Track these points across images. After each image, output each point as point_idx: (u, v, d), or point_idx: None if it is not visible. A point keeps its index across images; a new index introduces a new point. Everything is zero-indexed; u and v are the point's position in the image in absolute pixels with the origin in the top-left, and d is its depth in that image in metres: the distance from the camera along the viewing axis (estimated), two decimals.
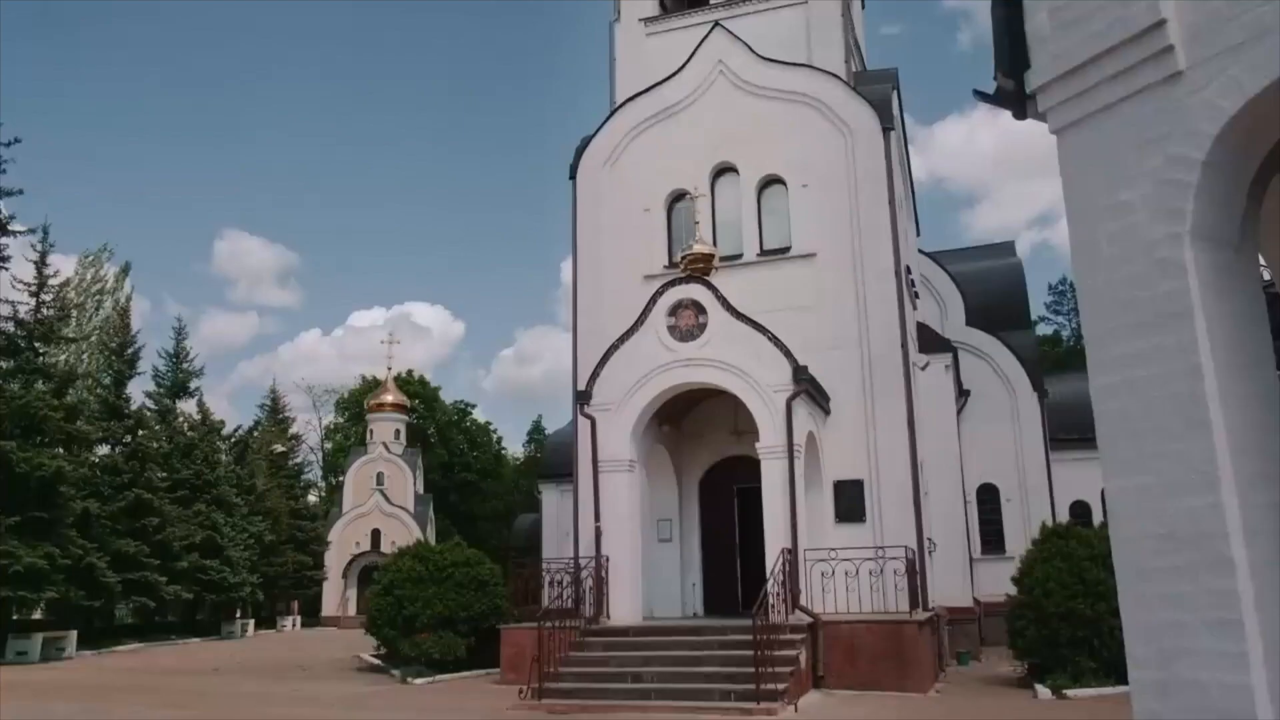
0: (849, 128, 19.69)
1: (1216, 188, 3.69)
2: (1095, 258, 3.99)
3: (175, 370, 40.13)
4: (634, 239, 20.73)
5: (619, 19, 22.85)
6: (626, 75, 22.19)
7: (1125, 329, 3.81)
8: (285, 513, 46.10)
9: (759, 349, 16.78)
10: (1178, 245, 3.66)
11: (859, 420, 18.32)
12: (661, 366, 17.29)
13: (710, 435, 20.09)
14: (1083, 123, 4.12)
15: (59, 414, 27.24)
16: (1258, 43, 3.46)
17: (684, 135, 20.87)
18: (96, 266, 48.03)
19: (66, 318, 36.42)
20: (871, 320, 18.67)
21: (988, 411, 26.91)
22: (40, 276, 29.36)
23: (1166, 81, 3.77)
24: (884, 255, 18.91)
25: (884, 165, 19.29)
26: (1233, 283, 3.75)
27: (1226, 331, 3.62)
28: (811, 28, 21.08)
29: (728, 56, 20.94)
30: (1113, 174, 3.93)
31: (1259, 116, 3.55)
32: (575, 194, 21.45)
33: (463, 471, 65.87)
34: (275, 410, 56.97)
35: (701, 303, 17.31)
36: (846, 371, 18.47)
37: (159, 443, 35.74)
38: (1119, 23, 3.89)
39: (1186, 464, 3.54)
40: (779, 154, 20.11)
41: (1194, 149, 3.63)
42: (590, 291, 20.70)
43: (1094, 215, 4.01)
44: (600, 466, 17.31)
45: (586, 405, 17.66)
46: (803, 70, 20.37)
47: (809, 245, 19.52)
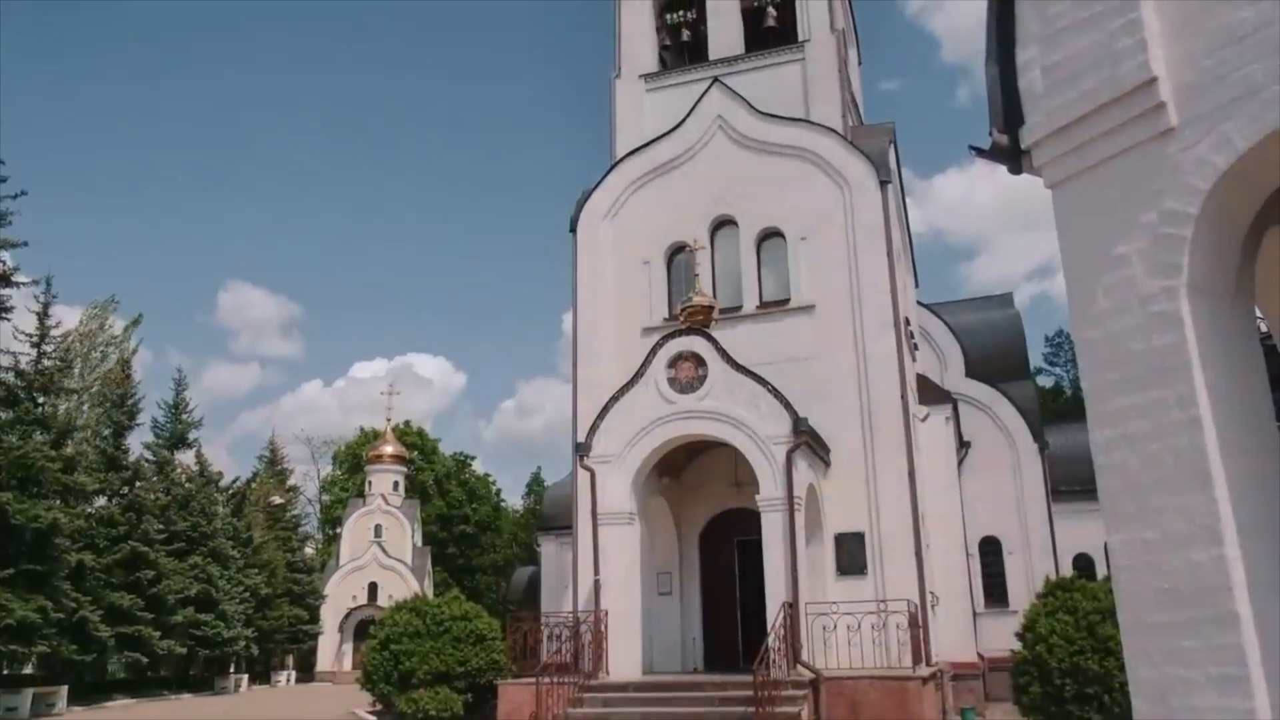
0: (846, 181, 19.91)
1: (1211, 242, 3.72)
2: (1092, 311, 4.01)
3: (174, 422, 40.06)
4: (634, 291, 20.84)
5: (619, 74, 23.22)
6: (627, 129, 22.49)
7: (1123, 382, 3.82)
8: (281, 565, 45.66)
9: (759, 401, 16.77)
10: (1174, 299, 3.68)
11: (859, 472, 18.24)
12: (661, 418, 17.27)
13: (710, 487, 19.99)
14: (1077, 177, 4.17)
15: (57, 465, 27.12)
16: (1248, 100, 3.51)
17: (684, 189, 21.09)
18: (102, 318, 48.13)
19: (68, 369, 36.44)
20: (871, 372, 18.69)
21: (988, 463, 26.82)
22: (42, 327, 29.44)
23: (1159, 138, 3.83)
24: (883, 307, 18.99)
25: (881, 218, 19.46)
26: (1230, 335, 3.77)
27: (1225, 384, 3.63)
28: (809, 83, 21.41)
29: (726, 112, 21.25)
30: (1108, 228, 3.97)
31: (1251, 172, 3.60)
32: (575, 247, 21.61)
33: (461, 524, 65.40)
34: (274, 462, 56.71)
35: (701, 354, 17.35)
36: (846, 423, 18.44)
37: (156, 495, 35.53)
38: (1111, 80, 3.96)
39: (1188, 517, 3.52)
40: (778, 207, 20.30)
41: (1187, 204, 3.68)
42: (590, 343, 20.75)
43: (1090, 269, 4.04)
44: (600, 519, 17.20)
45: (586, 457, 17.60)
46: (800, 125, 20.65)
47: (808, 297, 19.62)
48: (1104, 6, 4.02)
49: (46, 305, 29.52)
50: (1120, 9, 3.96)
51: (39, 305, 29.31)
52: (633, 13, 23.64)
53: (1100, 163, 4.06)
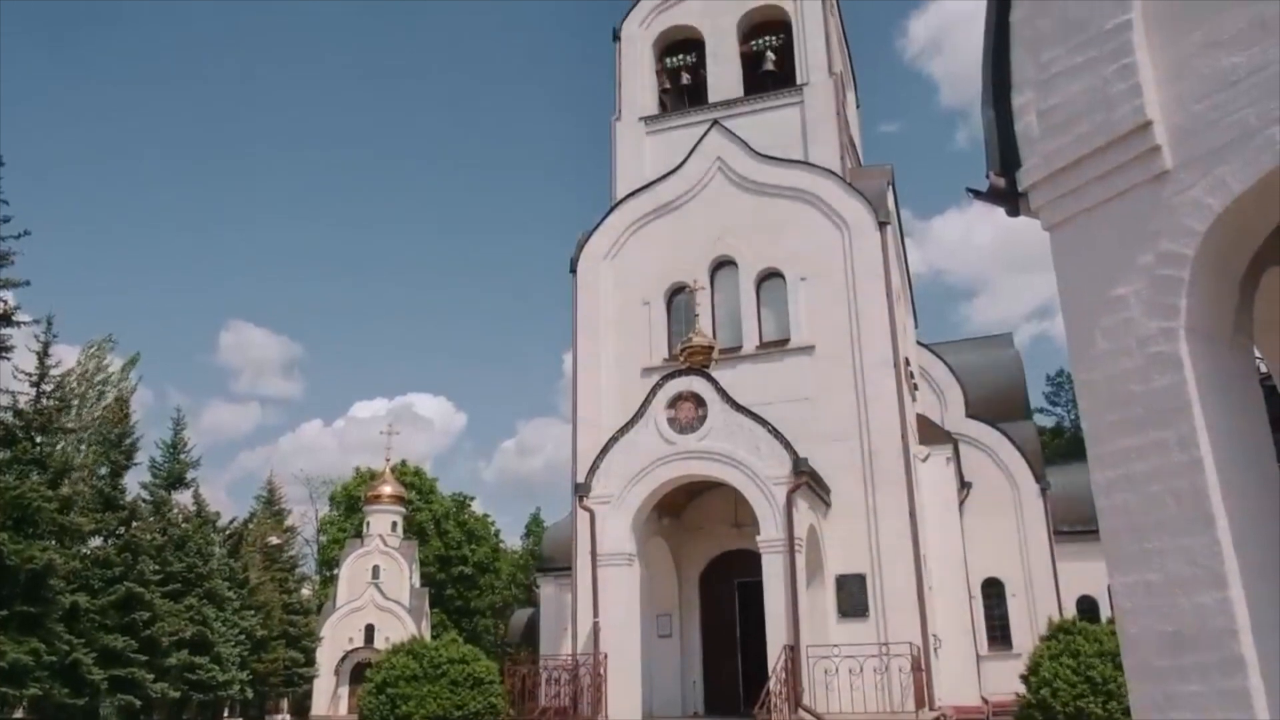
0: (845, 222, 20.04)
1: (1208, 283, 3.74)
2: (1091, 352, 4.02)
3: (172, 461, 39.87)
4: (634, 331, 20.89)
5: (620, 117, 23.47)
6: (627, 171, 22.68)
7: (1124, 423, 3.81)
8: (278, 607, 45.20)
9: (759, 441, 16.74)
10: (1173, 340, 3.69)
11: (860, 513, 18.16)
12: (661, 459, 17.22)
13: (710, 528, 19.88)
14: (1074, 220, 4.20)
15: (53, 506, 26.95)
16: (1242, 144, 3.55)
17: (683, 230, 21.23)
18: (99, 357, 48.17)
19: (66, 408, 36.37)
20: (871, 412, 18.67)
21: (990, 504, 26.67)
22: (42, 367, 29.42)
23: (1155, 180, 3.86)
24: (882, 347, 19.03)
25: (880, 259, 19.57)
26: (1229, 376, 3.77)
27: (1225, 425, 3.63)
28: (808, 126, 21.63)
29: (726, 153, 21.45)
30: (1106, 270, 3.99)
31: (1246, 214, 3.62)
32: (575, 287, 21.70)
33: (460, 565, 64.90)
34: (271, 502, 56.40)
35: (701, 395, 17.35)
36: (847, 464, 18.39)
37: (152, 535, 35.26)
38: (1106, 124, 4.00)
39: (1191, 560, 3.50)
40: (777, 248, 20.42)
41: (1184, 246, 3.70)
42: (590, 384, 20.76)
43: (1089, 310, 4.05)
44: (599, 560, 17.08)
45: (586, 497, 17.53)
46: (799, 167, 20.83)
47: (808, 337, 19.66)
48: (1098, 52, 4.08)
49: (47, 344, 29.52)
50: (1114, 54, 4.02)
51: (39, 344, 29.33)
52: (633, 56, 23.95)
53: (1097, 205, 4.09)
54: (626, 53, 24.07)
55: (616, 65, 24.10)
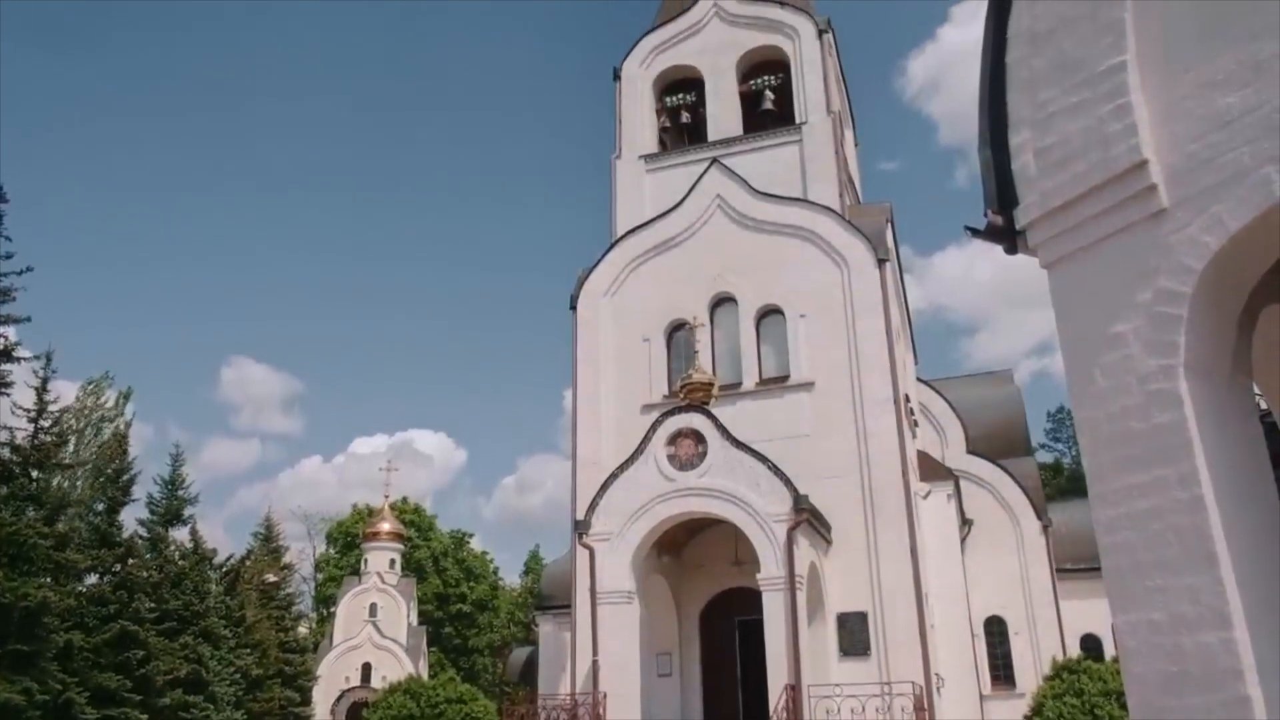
0: (844, 259, 20.13)
1: (1207, 321, 3.75)
2: (1091, 390, 4.02)
3: (170, 498, 39.68)
4: (634, 368, 20.90)
5: (620, 155, 23.66)
6: (627, 208, 22.82)
7: (1125, 461, 3.81)
8: (274, 645, 44.73)
9: (759, 478, 16.68)
10: (1172, 377, 3.70)
11: (861, 551, 18.05)
12: (661, 496, 17.15)
13: (710, 566, 19.75)
14: (1072, 257, 4.23)
15: (48, 542, 26.78)
16: (1237, 182, 3.58)
17: (683, 266, 21.32)
18: (97, 394, 48.19)
19: (64, 444, 36.27)
20: (871, 449, 18.63)
21: (992, 541, 26.50)
22: (40, 403, 29.39)
23: (1151, 219, 3.89)
24: (882, 384, 19.03)
25: (880, 295, 19.63)
26: (1229, 413, 3.77)
27: (1226, 462, 3.62)
28: (806, 163, 21.80)
29: (725, 191, 21.60)
30: (1104, 307, 4.01)
31: (1243, 252, 3.65)
32: (575, 324, 21.75)
33: (458, 603, 64.40)
34: (269, 539, 56.05)
35: (701, 431, 17.32)
36: (847, 501, 18.32)
37: (149, 572, 35.01)
38: (1102, 163, 4.04)
39: (1195, 599, 3.48)
40: (777, 285, 20.49)
41: (1182, 283, 3.72)
42: (590, 420, 20.74)
43: (1088, 348, 4.06)
44: (598, 598, 16.95)
45: (585, 535, 17.44)
46: (798, 204, 20.97)
47: (807, 374, 19.67)
48: (1093, 92, 4.13)
49: (45, 380, 29.52)
50: (1109, 95, 4.06)
51: (38, 380, 29.34)
52: (633, 95, 24.20)
53: (1094, 243, 4.12)
54: (627, 92, 24.33)
55: (617, 104, 24.35)
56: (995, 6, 4.71)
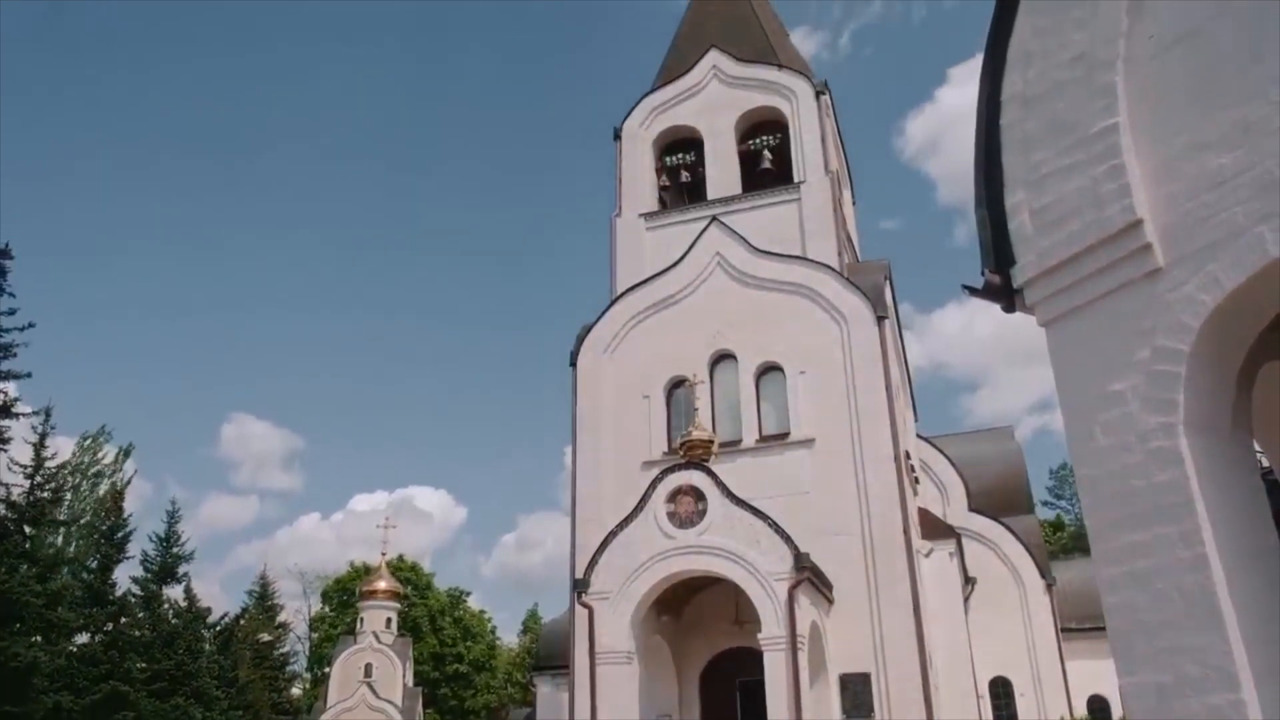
0: (844, 316, 20.23)
1: (1205, 378, 3.77)
2: (1091, 448, 4.02)
3: (165, 555, 39.33)
4: (633, 425, 20.87)
5: (620, 213, 23.90)
6: (627, 266, 22.98)
7: (1127, 519, 3.79)
8: (267, 707, 44.01)
9: (759, 536, 16.55)
10: (1172, 435, 3.70)
11: (863, 609, 17.84)
12: (661, 554, 16.99)
13: (711, 625, 19.50)
14: (1070, 316, 4.26)
15: (40, 601, 26.50)
16: (1232, 241, 3.62)
17: (683, 324, 21.40)
18: (95, 449, 48.03)
19: (59, 500, 36.06)
20: (872, 506, 18.52)
21: (995, 600, 26.21)
22: (38, 459, 29.28)
23: (1147, 277, 3.93)
24: (882, 441, 18.98)
25: (879, 352, 19.68)
26: (1230, 471, 3.76)
27: (1229, 520, 3.61)
28: (805, 222, 22.01)
29: (724, 249, 21.78)
30: (1103, 365, 4.03)
31: (1240, 310, 3.67)
32: (575, 381, 21.77)
33: (454, 663, 63.43)
34: (264, 597, 55.45)
35: (701, 489, 17.22)
36: (849, 559, 18.15)
37: (141, 631, 34.59)
38: (1097, 223, 4.09)
39: (1202, 660, 3.44)
40: (776, 341, 20.55)
41: (1179, 341, 3.74)
42: (589, 478, 20.64)
43: (1087, 406, 4.07)
44: (597, 658, 16.70)
45: (584, 593, 17.24)
46: (797, 262, 21.12)
47: (807, 431, 19.63)
48: (1087, 154, 4.19)
49: (43, 436, 29.46)
50: (1103, 156, 4.13)
51: (36, 436, 29.26)
52: (634, 155, 24.53)
53: (1091, 301, 4.15)
54: (627, 151, 24.66)
55: (617, 163, 24.67)
56: (989, 71, 4.80)
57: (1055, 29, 4.45)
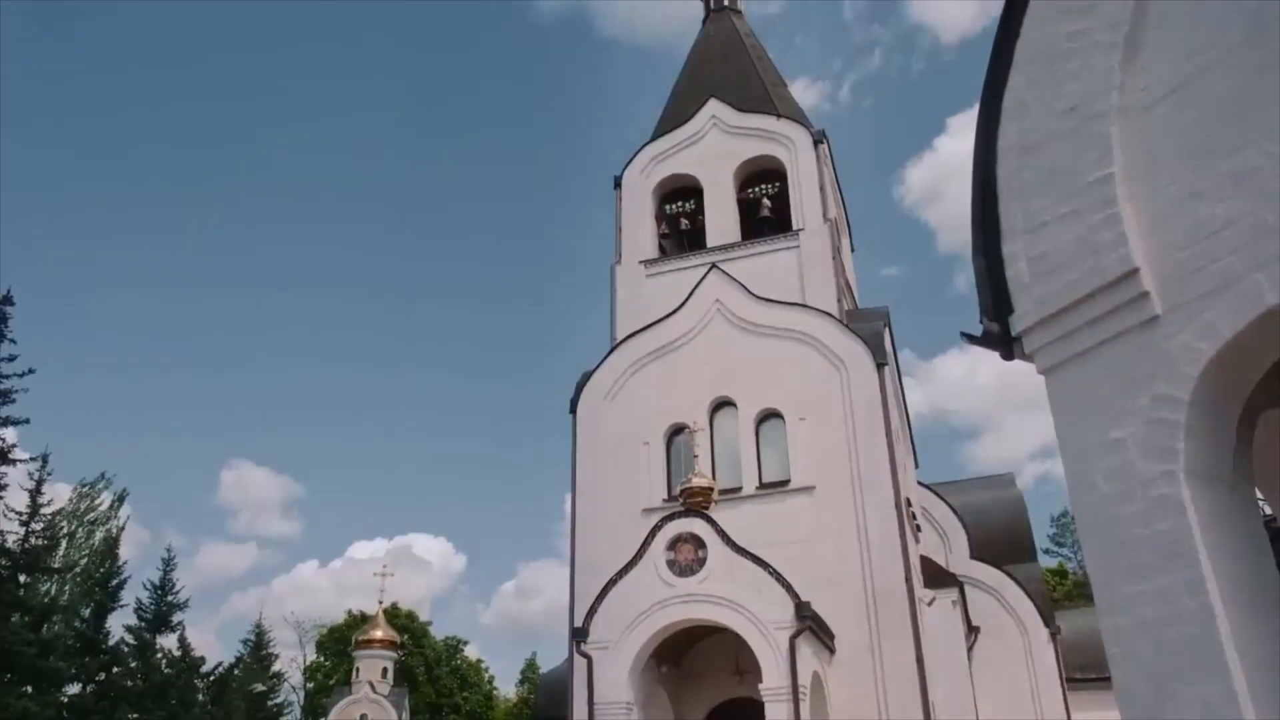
0: (843, 363, 20.25)
1: (1206, 426, 3.76)
2: (1093, 496, 4.01)
3: (159, 603, 38.92)
4: (633, 472, 20.78)
5: (620, 261, 24.04)
6: (626, 312, 23.05)
7: (1130, 568, 3.77)
8: None
9: (760, 584, 16.40)
10: (1174, 483, 3.69)
11: (866, 659, 17.61)
12: (660, 602, 16.82)
13: (711, 676, 19.23)
14: (1068, 363, 4.26)
15: (32, 650, 26.17)
16: (1228, 289, 3.64)
17: (683, 370, 21.41)
18: (91, 496, 47.76)
19: (54, 547, 35.78)
20: (874, 554, 18.37)
21: (999, 650, 25.86)
22: (34, 505, 29.09)
23: (1145, 325, 3.94)
24: (883, 488, 18.90)
25: (879, 399, 19.67)
26: (1233, 519, 3.75)
27: (1233, 570, 3.58)
28: (804, 269, 22.13)
29: (724, 296, 21.86)
30: (1102, 413, 4.02)
31: (1239, 357, 3.68)
32: (575, 428, 21.73)
33: (451, 714, 62.48)
34: (259, 646, 54.76)
35: (701, 536, 17.10)
36: (851, 608, 17.96)
37: (133, 681, 34.12)
38: (1094, 271, 4.12)
39: (1209, 712, 3.39)
40: (776, 388, 20.55)
41: (1178, 389, 3.74)
42: (589, 525, 20.51)
43: (1088, 453, 4.06)
44: (596, 710, 16.45)
45: (583, 643, 17.04)
46: (797, 309, 21.20)
47: (808, 478, 19.55)
48: (1083, 202, 4.23)
49: (40, 482, 29.30)
50: (1099, 204, 4.17)
51: (32, 482, 29.11)
52: (633, 203, 24.73)
53: (1089, 349, 4.16)
54: (627, 199, 24.87)
55: (617, 211, 24.87)
56: (985, 121, 4.87)
57: (1049, 80, 4.52)
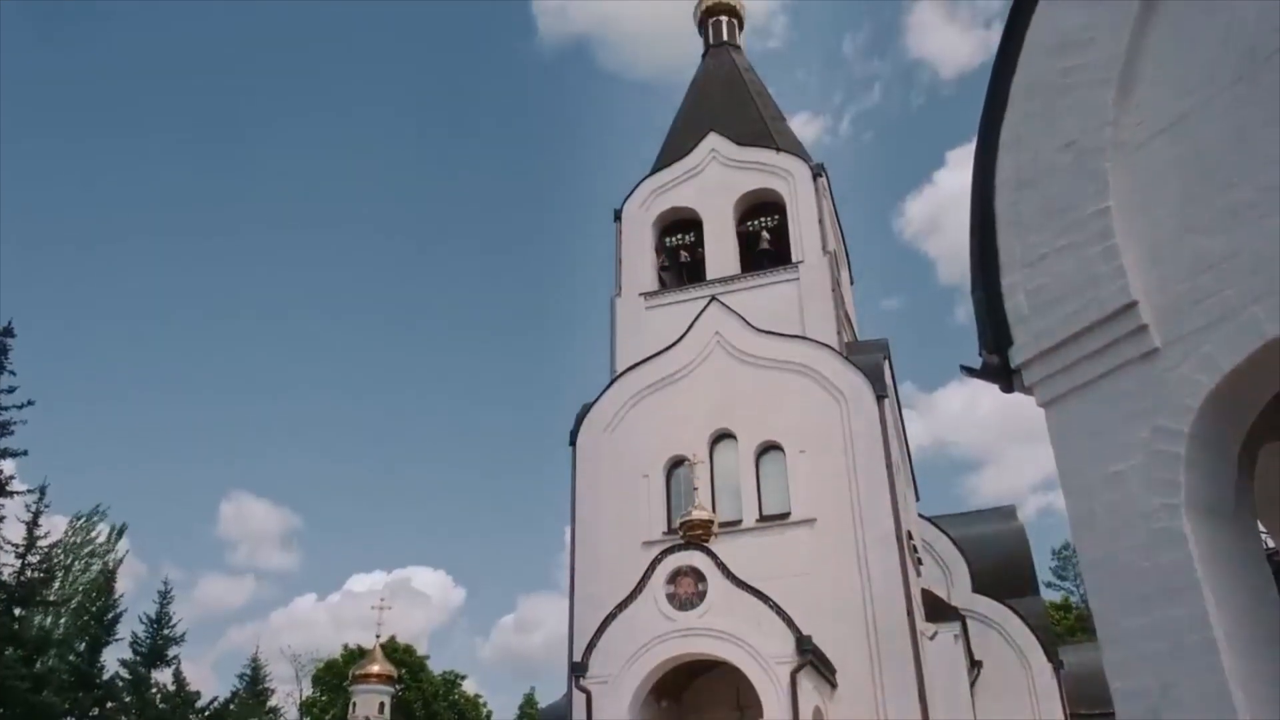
0: (843, 395, 20.23)
1: (1206, 458, 3.75)
2: (1094, 529, 3.99)
3: (155, 636, 38.59)
4: (633, 505, 20.70)
5: (620, 293, 24.10)
6: (626, 345, 23.06)
7: (1133, 602, 3.74)
8: None
9: (760, 618, 16.28)
10: (1175, 516, 3.67)
11: (867, 694, 17.43)
12: (660, 636, 16.68)
13: (712, 711, 19.01)
14: (1068, 396, 4.26)
15: (26, 684, 25.91)
16: (1226, 322, 3.65)
17: (683, 403, 21.39)
18: (88, 528, 47.49)
19: (50, 580, 35.53)
20: (875, 587, 18.25)
21: (1002, 685, 25.59)
22: (30, 538, 28.91)
23: (1144, 358, 3.95)
24: (884, 520, 18.81)
25: (879, 431, 19.63)
26: (1235, 553, 3.73)
27: (1236, 603, 3.56)
28: (804, 300, 22.18)
29: (724, 328, 21.89)
30: (1103, 446, 4.02)
31: (1239, 390, 3.68)
32: (575, 460, 21.67)
33: None
34: (255, 680, 54.20)
35: (701, 570, 17.00)
36: (852, 641, 17.81)
37: (128, 716, 33.77)
38: (1093, 304, 4.13)
39: None
40: (776, 420, 20.51)
41: (1178, 422, 3.74)
42: (588, 558, 20.39)
43: (1089, 486, 4.05)
44: None
45: (582, 677, 16.87)
46: (797, 341, 21.22)
47: (808, 511, 19.47)
48: (1080, 235, 4.25)
49: (37, 514, 29.14)
50: (1096, 237, 4.19)
51: (29, 514, 28.95)
52: (633, 235, 24.84)
53: (1089, 382, 4.16)
54: (627, 232, 24.98)
55: (617, 244, 24.97)
56: (982, 155, 4.90)
57: (1045, 114, 4.55)
